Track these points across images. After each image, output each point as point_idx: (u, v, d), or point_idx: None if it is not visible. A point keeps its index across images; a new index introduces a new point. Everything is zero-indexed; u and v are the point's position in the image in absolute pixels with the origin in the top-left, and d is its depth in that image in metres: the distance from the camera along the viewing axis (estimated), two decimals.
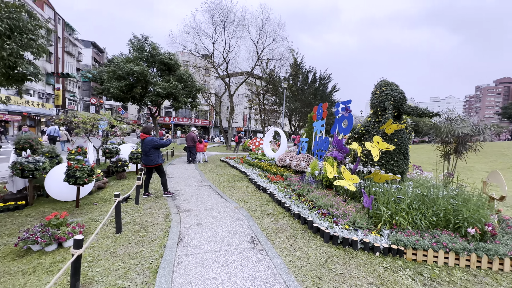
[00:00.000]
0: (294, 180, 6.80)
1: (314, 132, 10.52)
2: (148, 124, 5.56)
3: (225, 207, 4.98)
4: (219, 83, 53.97)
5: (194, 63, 23.79)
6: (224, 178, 8.17)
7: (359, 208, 4.34)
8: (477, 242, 3.30)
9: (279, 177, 7.55)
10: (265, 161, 10.89)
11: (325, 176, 6.00)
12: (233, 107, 21.70)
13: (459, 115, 4.61)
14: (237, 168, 10.02)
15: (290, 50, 22.49)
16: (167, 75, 14.90)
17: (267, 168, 9.17)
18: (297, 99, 25.38)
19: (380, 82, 5.88)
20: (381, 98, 5.51)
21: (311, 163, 6.76)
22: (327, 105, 9.54)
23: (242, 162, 11.44)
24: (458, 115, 4.61)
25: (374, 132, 5.62)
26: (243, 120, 61.51)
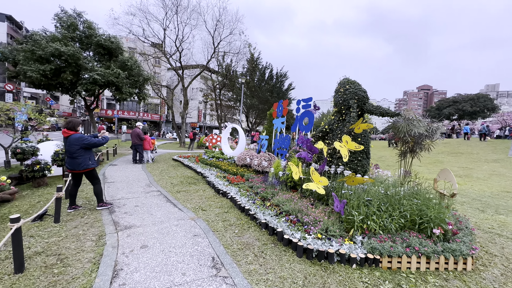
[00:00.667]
0: (257, 182, 6.32)
1: (274, 130, 10.24)
2: (73, 118, 4.30)
3: (179, 218, 4.17)
4: (171, 75, 50.43)
5: (142, 50, 21.27)
6: (178, 180, 7.20)
7: (328, 212, 4.07)
8: (443, 243, 3.31)
9: (239, 178, 6.98)
10: (224, 160, 10.18)
11: (290, 177, 5.67)
12: (187, 101, 20.17)
13: (415, 115, 4.74)
14: (193, 169, 9.08)
15: (247, 45, 22.03)
16: (107, 61, 12.73)
17: (226, 168, 8.49)
18: (254, 95, 25.14)
19: (343, 80, 5.79)
20: (345, 96, 5.39)
21: (274, 163, 6.37)
22: (287, 102, 9.32)
23: (197, 161, 10.49)
24: (414, 115, 4.74)
25: (338, 131, 5.49)
26: (198, 115, 59.12)
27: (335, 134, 5.50)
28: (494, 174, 11.87)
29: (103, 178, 7.00)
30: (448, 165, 13.43)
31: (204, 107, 53.97)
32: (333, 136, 5.55)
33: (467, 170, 12.54)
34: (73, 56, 10.99)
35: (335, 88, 6.01)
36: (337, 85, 5.90)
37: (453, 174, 4.53)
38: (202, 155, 11.61)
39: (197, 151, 17.78)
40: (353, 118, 5.12)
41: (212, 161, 9.79)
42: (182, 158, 11.42)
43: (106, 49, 12.62)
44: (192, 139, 18.01)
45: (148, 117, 43.99)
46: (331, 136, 5.60)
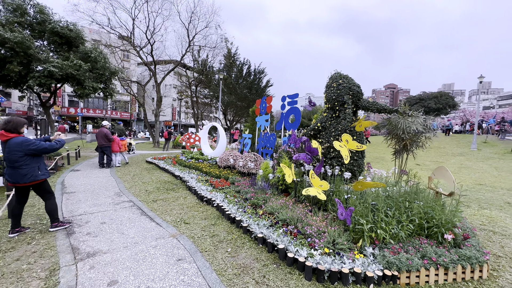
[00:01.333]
0: (244, 185, 5.76)
1: (258, 128, 9.74)
2: (15, 117, 3.36)
3: (158, 237, 3.48)
4: (142, 71, 47.52)
5: (107, 42, 19.35)
6: (153, 187, 6.37)
7: (330, 219, 3.67)
8: (456, 249, 3.07)
9: (224, 182, 6.36)
10: (204, 161, 9.45)
11: (281, 180, 5.20)
12: (160, 98, 18.82)
13: (412, 111, 4.53)
14: (170, 172, 8.23)
15: (224, 39, 21.14)
16: (65, 52, 11.16)
17: (207, 170, 7.79)
18: (232, 92, 24.36)
19: (335, 75, 5.43)
20: (339, 92, 5.04)
21: (262, 165, 5.86)
22: (271, 98, 8.85)
23: (175, 163, 9.62)
24: (411, 111, 4.52)
25: (332, 128, 5.13)
26: (172, 113, 56.72)
27: (329, 132, 5.13)
28: (463, 167, 12.61)
29: (61, 188, 5.93)
30: (421, 159, 14.03)
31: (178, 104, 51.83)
32: (326, 135, 5.18)
33: (438, 164, 13.17)
34: (21, 44, 9.38)
35: (326, 84, 5.64)
36: (329, 80, 5.53)
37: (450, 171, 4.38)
38: (180, 156, 10.73)
39: (173, 151, 16.67)
40: (348, 115, 4.77)
41: (191, 163, 9.00)
42: (157, 160, 10.43)
43: (64, 38, 11.04)
44: (167, 139, 16.81)
45: (117, 116, 40.93)
46: (324, 135, 5.23)
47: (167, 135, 16.62)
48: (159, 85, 18.67)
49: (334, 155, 4.99)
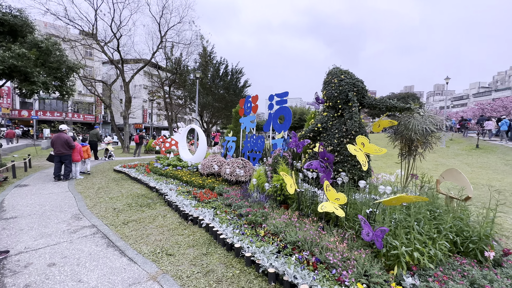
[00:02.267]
0: (235, 197, 4.97)
1: (242, 130, 8.98)
2: None
3: (132, 281, 2.55)
4: (107, 69, 44.04)
5: (65, 36, 17.11)
6: (123, 203, 5.28)
7: (348, 238, 3.05)
8: (501, 269, 2.62)
9: (210, 193, 5.49)
10: (183, 168, 8.42)
11: (279, 190, 4.51)
12: (129, 98, 17.11)
13: (425, 110, 4.14)
14: (143, 182, 7.09)
15: (200, 37, 19.98)
16: (8, 42, 9.32)
17: (188, 179, 6.83)
18: (209, 92, 23.23)
19: (334, 70, 4.89)
20: (342, 88, 4.49)
21: (255, 172, 5.11)
22: (257, 97, 8.15)
23: (149, 172, 8.45)
24: (425, 110, 4.12)
25: (335, 129, 4.56)
26: (143, 115, 53.63)
27: (331, 133, 4.56)
28: (439, 164, 13.07)
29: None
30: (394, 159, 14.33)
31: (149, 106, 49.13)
32: (328, 137, 4.60)
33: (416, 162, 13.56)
34: None
35: (323, 80, 5.08)
36: (327, 76, 4.98)
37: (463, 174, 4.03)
38: (154, 163, 9.53)
39: (145, 157, 15.16)
40: (355, 114, 4.24)
41: (168, 171, 7.93)
42: (128, 168, 9.13)
43: (7, 26, 9.21)
44: (139, 143, 15.25)
45: (80, 118, 37.23)
46: (326, 137, 4.65)
47: (138, 139, 15.07)
48: (127, 85, 16.96)
49: (339, 159, 4.42)
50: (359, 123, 4.20)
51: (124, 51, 17.01)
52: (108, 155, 13.28)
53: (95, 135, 12.97)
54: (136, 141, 15.22)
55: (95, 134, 12.98)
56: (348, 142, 4.29)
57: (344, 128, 4.39)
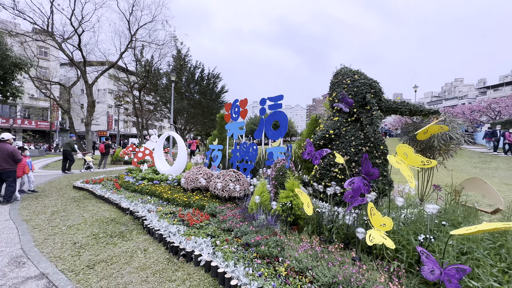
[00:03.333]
0: (232, 218, 4.12)
1: (229, 137, 8.14)
2: None
3: None
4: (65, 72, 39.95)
5: (12, 30, 14.69)
6: (87, 234, 4.09)
7: (394, 273, 2.41)
8: None
9: (200, 214, 4.55)
10: (161, 182, 7.28)
11: (288, 209, 3.78)
12: (93, 103, 15.18)
13: (452, 115, 3.77)
14: (113, 202, 5.84)
15: (174, 38, 18.72)
16: None
17: (169, 196, 5.77)
18: (184, 97, 21.88)
19: (344, 70, 4.39)
20: (357, 90, 3.97)
21: (258, 187, 4.31)
22: (246, 101, 7.41)
23: (119, 188, 7.14)
24: (452, 116, 3.75)
25: (349, 136, 4.00)
26: (108, 121, 49.57)
27: (346, 141, 3.99)
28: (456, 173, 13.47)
29: None
30: None
31: (116, 111, 45.76)
32: (342, 145, 4.02)
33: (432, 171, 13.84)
34: None
35: (331, 81, 4.54)
36: (335, 76, 4.46)
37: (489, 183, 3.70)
38: (125, 177, 8.19)
39: (112, 168, 13.38)
40: (377, 118, 3.72)
41: (143, 186, 6.75)
42: (91, 184, 7.67)
43: None
44: (104, 153, 13.42)
45: (32, 125, 32.80)
46: (340, 144, 4.06)
47: (104, 148, 13.26)
48: (91, 87, 15.05)
49: (358, 170, 3.84)
50: (378, 127, 3.68)
51: (86, 50, 15.15)
52: (86, 166, 12.14)
53: (68, 144, 11.49)
54: (101, 150, 13.38)
55: (68, 143, 11.53)
56: (368, 150, 3.74)
57: (361, 134, 3.85)
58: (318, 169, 4.26)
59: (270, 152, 6.12)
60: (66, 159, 11.40)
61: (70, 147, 11.51)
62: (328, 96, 4.61)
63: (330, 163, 4.12)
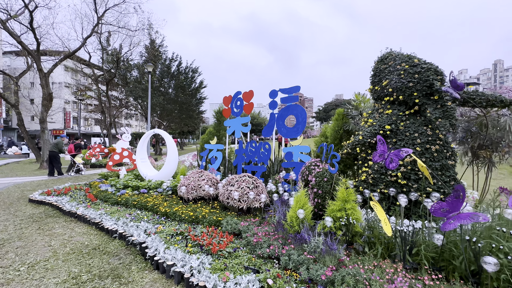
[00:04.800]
0: (266, 239, 3.17)
1: (229, 135, 7.10)
2: None
3: None
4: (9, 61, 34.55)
5: None
6: (61, 278, 2.80)
7: None
8: None
9: (220, 235, 3.50)
10: (149, 190, 5.98)
11: (338, 226, 2.96)
12: (50, 95, 12.76)
13: None
14: (91, 221, 4.45)
15: (148, 26, 16.66)
16: None
17: (168, 209, 4.57)
18: (158, 92, 19.89)
19: (396, 54, 3.68)
20: (420, 76, 3.28)
21: (297, 198, 3.40)
22: (252, 93, 6.44)
23: (94, 200, 5.67)
24: None
25: (411, 132, 3.31)
26: (65, 119, 44.47)
27: (405, 138, 3.30)
28: None
29: None
30: None
31: (76, 107, 41.40)
32: (402, 143, 3.32)
33: None
34: None
35: (374, 68, 3.82)
36: (383, 62, 3.76)
37: None
38: (100, 185, 6.66)
39: (78, 174, 11.32)
40: (452, 109, 3.06)
41: (127, 196, 5.41)
42: (55, 196, 6.03)
43: None
44: (75, 155, 11.40)
45: None
46: (397, 142, 3.36)
47: (73, 149, 11.14)
48: (46, 77, 12.61)
49: (425, 176, 3.15)
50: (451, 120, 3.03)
51: (40, 32, 12.63)
52: (75, 169, 11.04)
53: (55, 145, 10.24)
54: (70, 151, 11.29)
55: (55, 144, 10.27)
56: (438, 150, 3.08)
57: (428, 130, 3.17)
58: (371, 173, 3.51)
59: (289, 152, 5.25)
60: (55, 161, 10.20)
61: (58, 149, 10.23)
62: (372, 85, 3.90)
63: (383, 165, 3.40)
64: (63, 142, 10.66)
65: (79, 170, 11.24)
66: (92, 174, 10.99)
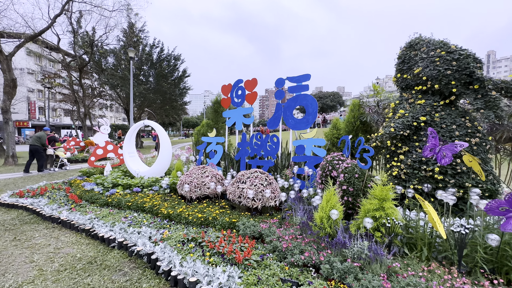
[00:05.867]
0: (296, 243, 2.83)
1: (229, 127, 6.61)
2: None
3: None
4: None
5: None
6: None
7: None
8: None
9: (239, 239, 3.09)
10: (143, 188, 5.37)
11: (378, 225, 2.70)
12: (14, 81, 11.22)
13: None
14: (79, 228, 3.80)
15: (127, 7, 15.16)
16: None
17: (170, 211, 4.05)
18: (138, 81, 18.48)
19: (432, 40, 3.43)
20: (459, 64, 3.05)
21: (327, 196, 3.08)
22: (256, 81, 5.98)
23: (78, 201, 4.96)
24: None
25: (449, 124, 3.09)
26: (30, 109, 40.69)
27: (441, 130, 3.08)
28: None
29: None
30: None
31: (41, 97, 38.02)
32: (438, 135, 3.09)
33: None
34: None
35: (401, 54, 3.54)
36: (412, 48, 3.48)
37: None
38: (83, 183, 5.89)
39: (52, 170, 10.15)
40: (497, 99, 2.85)
41: (120, 197, 4.78)
42: (30, 199, 5.20)
43: None
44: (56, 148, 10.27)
45: None
46: None
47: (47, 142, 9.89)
48: (8, 60, 11.02)
49: (461, 170, 2.97)
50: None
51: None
52: (59, 164, 10.28)
53: (38, 138, 9.29)
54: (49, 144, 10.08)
55: (38, 137, 9.31)
56: (478, 143, 2.89)
57: (466, 122, 2.97)
58: (403, 168, 3.27)
59: (300, 145, 4.90)
60: (38, 156, 9.30)
61: (41, 143, 9.33)
62: (400, 73, 3.62)
63: (420, 159, 3.17)
64: (46, 136, 9.60)
65: (63, 165, 10.36)
66: (69, 171, 9.93)
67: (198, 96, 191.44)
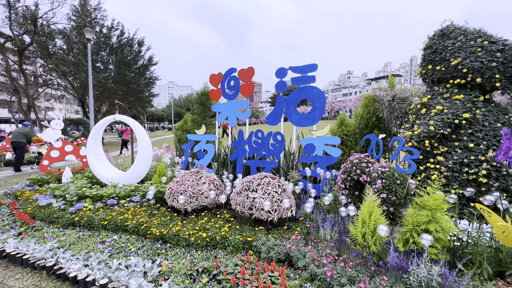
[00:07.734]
0: (340, 268, 2.32)
1: (221, 123, 5.81)
2: None
3: None
4: None
5: None
6: None
7: None
8: None
9: (264, 266, 2.47)
10: (119, 200, 4.36)
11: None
12: None
13: None
14: (36, 265, 2.76)
15: None
16: None
17: (164, 230, 3.23)
18: (97, 68, 16.10)
19: (468, 28, 3.09)
20: (506, 55, 2.77)
21: (366, 205, 2.60)
22: (253, 70, 5.27)
23: (30, 221, 3.78)
24: None
25: (492, 121, 2.81)
26: None
27: (484, 129, 2.79)
28: None
29: None
30: None
31: None
32: (479, 133, 2.80)
33: None
34: None
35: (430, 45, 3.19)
36: (445, 36, 3.13)
37: None
38: (37, 198, 4.61)
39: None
40: None
41: (90, 214, 3.74)
42: None
43: None
44: None
45: None
46: (474, 134, 2.83)
47: None
48: None
49: (507, 172, 2.73)
50: None
51: None
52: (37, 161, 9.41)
53: (22, 135, 8.35)
54: None
55: (23, 134, 8.36)
56: None
57: (511, 119, 2.72)
58: (443, 171, 2.94)
59: (310, 144, 4.38)
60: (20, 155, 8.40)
61: (26, 139, 8.46)
62: (431, 64, 3.26)
63: (461, 161, 2.86)
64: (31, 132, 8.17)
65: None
66: (8, 177, 7.98)
67: (162, 87, 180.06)
